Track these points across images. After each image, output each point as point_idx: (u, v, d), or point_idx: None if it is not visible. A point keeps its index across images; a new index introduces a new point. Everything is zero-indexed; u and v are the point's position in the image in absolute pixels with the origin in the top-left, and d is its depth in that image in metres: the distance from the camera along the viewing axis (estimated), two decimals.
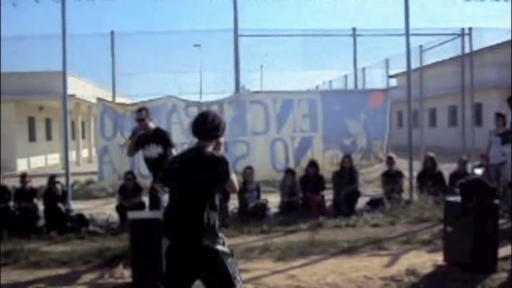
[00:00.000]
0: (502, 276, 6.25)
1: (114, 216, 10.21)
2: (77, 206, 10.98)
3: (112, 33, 11.67)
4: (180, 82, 14.62)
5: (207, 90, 16.47)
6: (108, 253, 7.76)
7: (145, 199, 10.46)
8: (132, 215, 6.92)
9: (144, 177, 10.94)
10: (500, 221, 8.00)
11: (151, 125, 7.88)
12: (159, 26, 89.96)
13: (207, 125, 4.18)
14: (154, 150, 7.66)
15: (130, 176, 10.48)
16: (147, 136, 7.72)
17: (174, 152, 7.61)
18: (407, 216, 9.88)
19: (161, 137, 7.73)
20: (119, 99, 12.20)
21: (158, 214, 6.64)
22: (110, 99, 11.74)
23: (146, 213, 8.28)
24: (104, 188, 13.54)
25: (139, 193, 10.41)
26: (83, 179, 15.95)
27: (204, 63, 14.38)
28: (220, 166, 4.05)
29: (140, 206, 10.01)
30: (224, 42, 11.76)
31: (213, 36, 12.48)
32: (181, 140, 10.39)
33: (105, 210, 11.08)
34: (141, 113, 7.82)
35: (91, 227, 9.65)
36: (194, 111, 11.00)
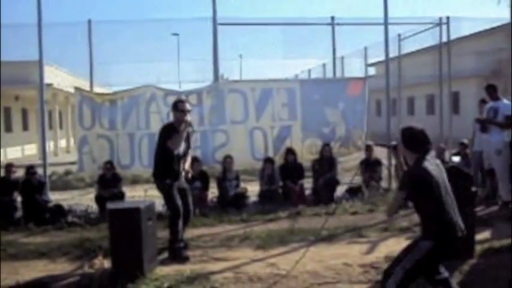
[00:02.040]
0: (479, 261, 6.35)
1: (93, 206, 10.14)
2: (55, 197, 10.89)
3: (89, 21, 11.50)
4: (159, 71, 14.53)
5: (186, 79, 16.40)
6: (87, 244, 7.69)
7: (125, 189, 10.45)
8: (111, 205, 6.87)
9: (124, 167, 10.92)
10: (477, 208, 8.14)
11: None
12: (137, 14, 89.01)
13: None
14: (182, 147, 7.04)
15: (109, 165, 10.42)
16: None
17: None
18: (386, 204, 9.96)
19: (189, 135, 7.20)
20: (96, 89, 12.06)
21: (137, 204, 6.62)
22: (87, 88, 11.61)
23: (125, 203, 8.24)
24: (83, 178, 13.47)
25: (118, 183, 10.37)
26: (61, 169, 15.82)
27: (182, 52, 14.28)
28: None
29: (119, 196, 9.96)
30: (203, 31, 11.67)
31: (191, 25, 12.37)
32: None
33: (83, 200, 11.02)
34: (187, 104, 7.12)
35: (70, 218, 9.55)
36: (173, 100, 10.94)
